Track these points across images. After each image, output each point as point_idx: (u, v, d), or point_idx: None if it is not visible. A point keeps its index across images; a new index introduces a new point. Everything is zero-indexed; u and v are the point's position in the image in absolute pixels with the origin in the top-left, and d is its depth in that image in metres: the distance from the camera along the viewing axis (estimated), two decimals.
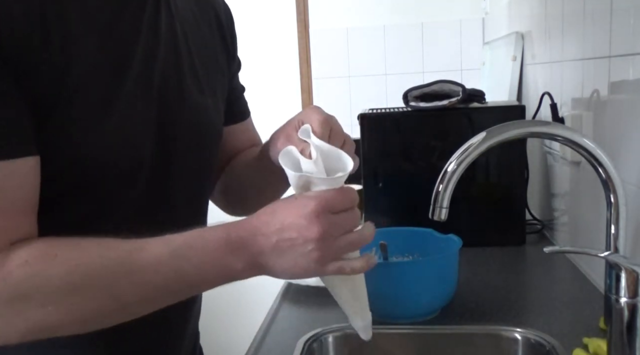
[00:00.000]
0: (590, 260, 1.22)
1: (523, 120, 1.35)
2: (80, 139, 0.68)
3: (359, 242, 0.70)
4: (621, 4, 0.99)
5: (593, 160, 0.76)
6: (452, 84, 1.43)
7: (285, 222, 0.66)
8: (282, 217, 0.67)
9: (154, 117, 0.76)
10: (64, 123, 0.67)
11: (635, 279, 0.73)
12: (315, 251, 0.66)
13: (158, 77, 0.77)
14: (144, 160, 0.76)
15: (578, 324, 1.01)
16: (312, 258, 0.66)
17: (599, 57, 1.09)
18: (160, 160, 0.78)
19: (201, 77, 0.85)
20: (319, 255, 0.66)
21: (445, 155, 0.81)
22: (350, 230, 0.69)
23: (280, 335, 1.05)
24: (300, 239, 0.66)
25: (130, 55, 0.73)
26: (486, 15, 2.69)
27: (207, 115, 0.87)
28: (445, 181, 0.79)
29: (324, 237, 0.66)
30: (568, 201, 1.36)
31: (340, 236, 0.67)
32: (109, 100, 0.70)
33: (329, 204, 0.66)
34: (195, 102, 0.83)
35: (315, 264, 0.67)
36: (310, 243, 0.65)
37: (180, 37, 0.82)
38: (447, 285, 1.08)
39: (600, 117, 1.12)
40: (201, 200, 0.91)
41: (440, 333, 1.02)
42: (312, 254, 0.66)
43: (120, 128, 0.72)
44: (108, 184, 0.73)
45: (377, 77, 2.83)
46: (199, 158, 0.85)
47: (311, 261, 0.67)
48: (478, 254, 1.39)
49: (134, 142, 0.74)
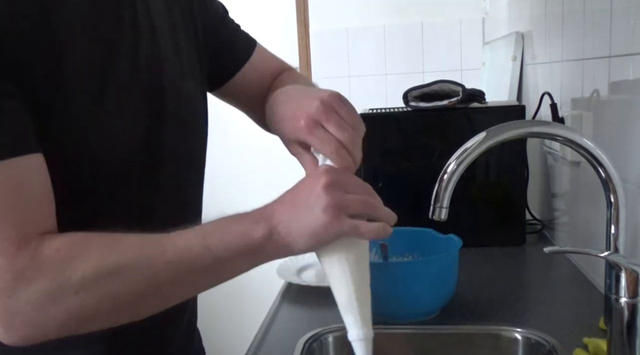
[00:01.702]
0: (590, 260, 1.22)
1: (523, 120, 1.35)
2: (75, 135, 0.69)
3: (371, 204, 0.70)
4: (621, 4, 0.99)
5: (593, 160, 0.76)
6: (452, 84, 1.43)
7: (298, 188, 0.70)
8: (295, 188, 0.70)
9: (143, 109, 0.77)
10: (59, 121, 0.68)
11: (635, 279, 0.73)
12: (326, 199, 0.66)
13: (143, 69, 0.78)
14: (136, 152, 0.77)
15: (578, 324, 1.01)
16: (324, 207, 0.66)
17: (599, 57, 1.09)
18: (151, 149, 0.79)
19: (181, 61, 0.86)
20: (330, 203, 0.66)
21: (445, 155, 0.81)
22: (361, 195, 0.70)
23: (280, 335, 1.05)
24: (312, 194, 0.67)
25: (115, 50, 0.74)
26: (486, 15, 2.69)
27: (191, 100, 0.87)
28: (445, 181, 0.79)
29: (331, 186, 0.67)
30: (568, 201, 1.36)
31: (351, 193, 0.68)
32: (100, 96, 0.71)
33: (336, 170, 0.70)
34: (178, 89, 0.84)
35: (329, 216, 0.66)
36: (320, 194, 0.66)
37: (157, 26, 0.82)
38: (447, 285, 1.08)
39: (600, 117, 1.12)
40: (194, 185, 0.91)
41: (440, 333, 1.02)
42: (324, 202, 0.66)
43: (113, 122, 0.73)
44: (101, 178, 0.73)
45: (377, 77, 2.83)
46: (186, 142, 0.86)
47: (324, 212, 0.66)
48: (478, 254, 1.39)
49: (126, 136, 0.75)
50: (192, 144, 0.89)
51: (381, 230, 0.69)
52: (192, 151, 0.89)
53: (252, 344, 1.02)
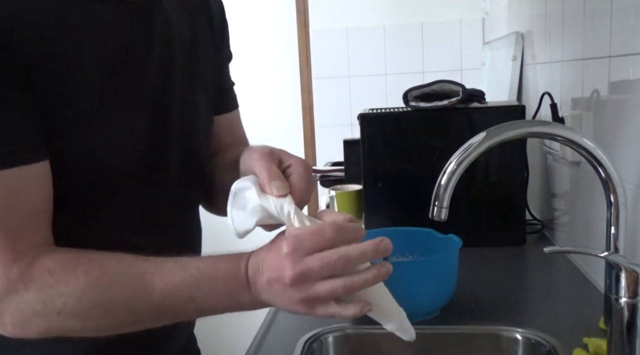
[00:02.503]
0: (590, 260, 1.22)
1: (523, 120, 1.35)
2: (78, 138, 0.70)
3: (344, 285, 0.63)
4: (621, 4, 0.99)
5: (593, 160, 0.76)
6: (452, 84, 1.43)
7: (271, 263, 0.65)
8: (269, 257, 0.66)
9: (148, 117, 0.77)
10: (64, 124, 0.69)
11: (635, 279, 0.73)
12: (296, 296, 0.64)
13: (152, 79, 0.78)
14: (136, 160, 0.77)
15: (578, 324, 1.01)
16: (295, 300, 0.65)
17: (599, 57, 1.09)
18: (153, 157, 0.79)
19: (193, 74, 0.86)
20: (300, 299, 0.64)
21: (445, 155, 0.80)
22: (335, 271, 0.63)
23: (280, 335, 1.05)
24: (281, 284, 0.64)
25: (125, 59, 0.74)
26: (486, 15, 2.69)
27: (197, 113, 0.87)
28: (445, 181, 0.79)
29: (299, 281, 0.63)
30: (568, 201, 1.36)
31: (321, 281, 0.63)
32: (106, 102, 0.72)
33: (301, 245, 0.63)
34: (185, 101, 0.84)
35: (303, 308, 0.65)
36: (288, 288, 0.64)
37: (174, 36, 0.82)
38: (447, 285, 1.08)
39: (600, 117, 1.12)
40: (196, 192, 0.91)
41: (440, 333, 1.02)
42: (294, 296, 0.64)
43: (116, 129, 0.73)
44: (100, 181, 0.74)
45: (377, 77, 2.83)
46: (190, 152, 0.86)
47: (296, 303, 0.65)
48: (478, 254, 1.38)
49: (128, 142, 0.75)
50: (196, 154, 0.89)
51: (357, 313, 0.65)
52: (196, 160, 0.89)
53: (252, 344, 1.02)
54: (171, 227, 0.85)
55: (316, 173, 1.94)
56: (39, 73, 0.66)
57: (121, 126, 0.74)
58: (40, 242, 0.68)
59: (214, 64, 0.93)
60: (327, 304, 0.65)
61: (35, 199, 0.67)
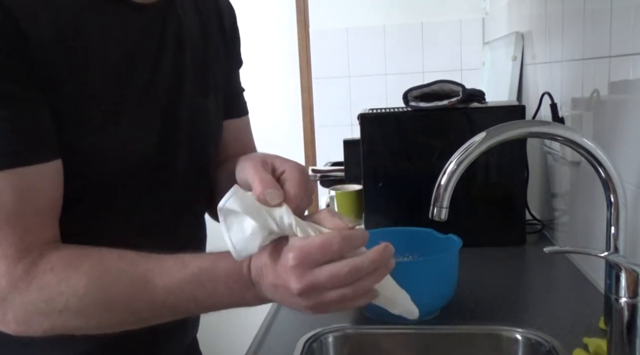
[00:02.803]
0: (590, 260, 1.22)
1: (523, 120, 1.35)
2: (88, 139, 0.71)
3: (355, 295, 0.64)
4: (621, 4, 0.99)
5: (593, 160, 0.76)
6: (452, 84, 1.43)
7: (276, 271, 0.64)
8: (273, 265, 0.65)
9: (157, 121, 0.78)
10: (78, 128, 0.70)
11: (635, 279, 0.73)
12: (306, 304, 0.64)
13: (162, 83, 0.78)
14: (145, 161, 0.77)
15: (578, 324, 1.01)
16: (302, 306, 0.65)
17: (599, 57, 1.09)
18: (161, 159, 0.79)
19: (204, 77, 0.86)
20: (310, 306, 0.64)
21: (445, 155, 0.80)
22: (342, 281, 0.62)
23: (280, 335, 1.05)
24: (288, 292, 0.64)
25: (137, 63, 0.75)
26: (486, 15, 2.69)
27: (207, 117, 0.88)
28: (445, 181, 0.79)
29: (307, 292, 0.63)
30: (568, 201, 1.36)
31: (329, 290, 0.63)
32: (118, 106, 0.73)
33: (308, 258, 0.62)
34: (196, 105, 0.84)
35: (310, 311, 0.65)
36: (295, 296, 0.64)
37: (186, 39, 0.83)
38: (447, 285, 1.08)
39: (600, 117, 1.12)
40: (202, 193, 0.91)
41: (440, 333, 1.02)
42: (301, 303, 0.64)
43: (126, 131, 0.74)
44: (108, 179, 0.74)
45: (377, 77, 2.83)
46: (198, 155, 0.86)
47: (304, 308, 0.65)
48: (478, 254, 1.38)
49: (137, 144, 0.76)
50: (205, 158, 0.89)
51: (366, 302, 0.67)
52: (204, 164, 0.89)
53: (252, 344, 1.02)
54: (177, 230, 0.85)
55: (316, 173, 1.94)
56: (55, 74, 0.67)
57: (131, 128, 0.75)
58: (49, 238, 0.69)
59: (224, 67, 0.93)
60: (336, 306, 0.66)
61: (48, 196, 0.68)
